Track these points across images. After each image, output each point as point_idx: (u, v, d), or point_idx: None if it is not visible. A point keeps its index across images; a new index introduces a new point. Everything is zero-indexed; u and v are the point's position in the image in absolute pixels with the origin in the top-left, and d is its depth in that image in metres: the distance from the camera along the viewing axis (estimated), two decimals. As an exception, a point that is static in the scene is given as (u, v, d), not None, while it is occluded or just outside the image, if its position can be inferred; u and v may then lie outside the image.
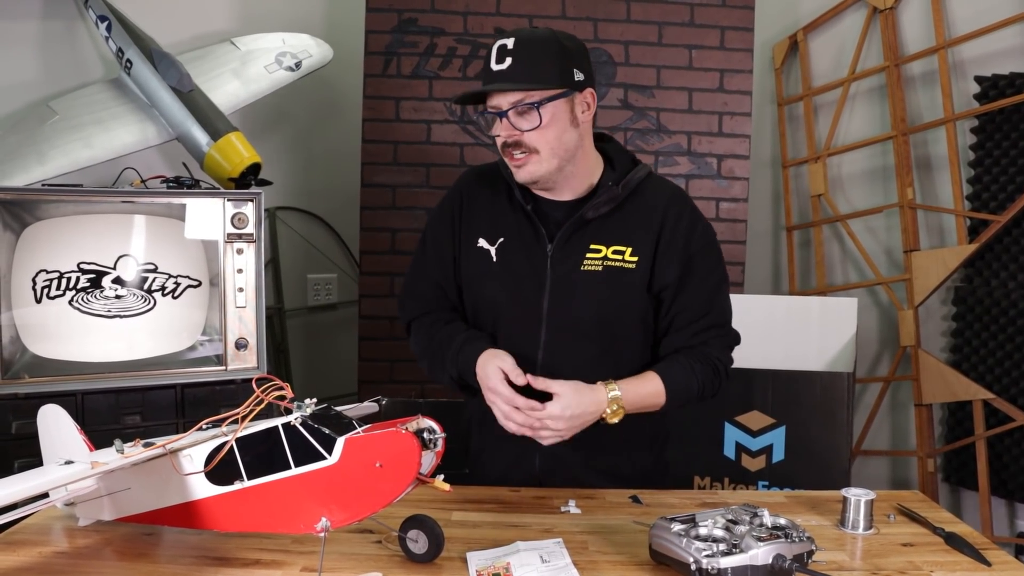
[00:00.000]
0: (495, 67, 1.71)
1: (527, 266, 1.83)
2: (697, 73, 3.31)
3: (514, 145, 1.74)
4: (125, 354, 2.57)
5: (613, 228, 1.82)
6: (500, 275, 1.86)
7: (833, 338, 3.06)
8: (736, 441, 2.84)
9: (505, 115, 1.72)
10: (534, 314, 1.83)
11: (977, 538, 1.59)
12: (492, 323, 1.88)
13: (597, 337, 1.83)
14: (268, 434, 1.37)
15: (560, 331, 1.82)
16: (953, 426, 3.54)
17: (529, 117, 1.72)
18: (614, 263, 1.80)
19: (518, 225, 1.86)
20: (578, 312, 1.81)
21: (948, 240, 3.52)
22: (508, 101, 1.72)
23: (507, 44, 1.71)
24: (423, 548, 1.42)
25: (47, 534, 1.54)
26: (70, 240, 2.50)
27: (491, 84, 1.72)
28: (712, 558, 1.29)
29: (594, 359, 1.82)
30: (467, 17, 3.24)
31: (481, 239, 1.88)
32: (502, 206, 1.89)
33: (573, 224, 1.81)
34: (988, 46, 3.37)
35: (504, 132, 1.74)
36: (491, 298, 1.88)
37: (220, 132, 2.82)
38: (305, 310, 3.73)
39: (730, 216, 3.35)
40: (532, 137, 1.73)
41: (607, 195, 1.81)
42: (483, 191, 1.92)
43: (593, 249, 1.81)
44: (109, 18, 3.04)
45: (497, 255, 1.86)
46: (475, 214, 1.91)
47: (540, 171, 1.76)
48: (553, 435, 1.68)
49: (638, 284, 1.81)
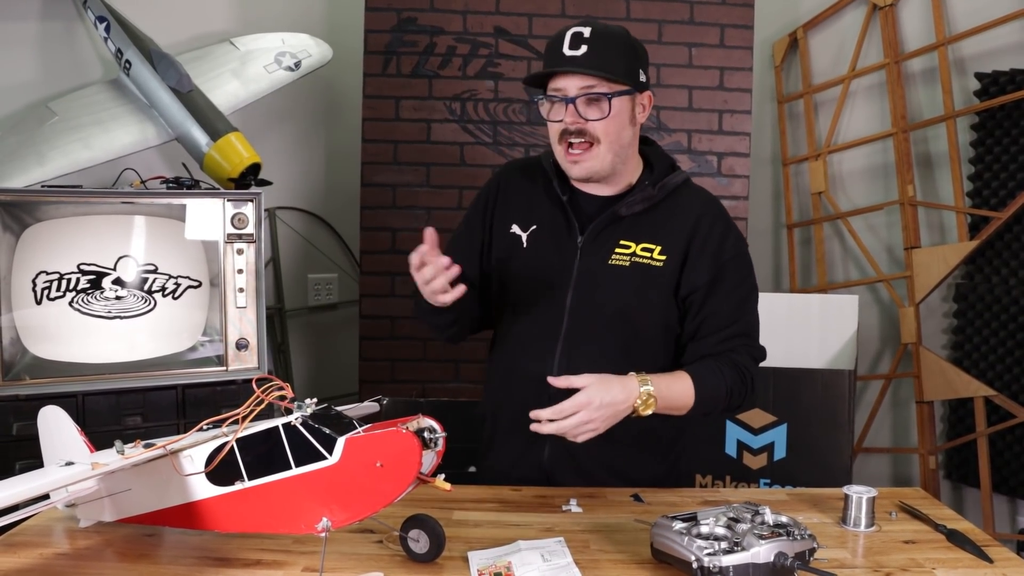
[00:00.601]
0: (568, 52, 1.72)
1: (555, 255, 1.85)
2: (697, 71, 3.31)
3: (576, 133, 1.76)
4: (126, 355, 2.57)
5: (645, 227, 1.83)
6: (528, 261, 1.88)
7: (834, 336, 3.06)
8: (737, 439, 2.84)
9: (573, 102, 1.73)
10: (558, 304, 1.84)
11: (979, 535, 1.59)
12: (515, 310, 1.89)
13: (619, 332, 1.83)
14: (269, 434, 1.37)
15: (582, 322, 1.83)
16: (954, 423, 3.54)
17: (598, 107, 1.74)
18: (642, 260, 1.82)
19: (552, 215, 1.88)
20: (602, 304, 1.82)
21: (949, 237, 3.52)
22: (577, 87, 1.73)
23: (583, 32, 1.73)
24: (424, 548, 1.42)
25: (48, 535, 1.54)
26: (70, 241, 2.50)
27: (566, 67, 1.73)
28: (714, 556, 1.29)
29: (614, 354, 1.81)
30: (466, 16, 3.23)
31: (515, 225, 1.91)
32: (539, 196, 1.91)
33: (606, 219, 1.83)
34: (988, 42, 3.37)
35: (570, 118, 1.75)
36: (516, 283, 1.89)
37: (220, 132, 2.82)
38: (306, 310, 3.73)
39: (730, 214, 3.31)
40: (596, 127, 1.75)
41: (643, 194, 1.82)
42: (522, 180, 1.95)
43: (623, 245, 1.83)
44: (108, 19, 3.04)
45: (528, 241, 1.88)
46: (511, 201, 1.93)
47: (596, 166, 1.79)
48: (586, 429, 1.62)
49: (664, 284, 1.82)
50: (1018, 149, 3.29)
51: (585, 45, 1.71)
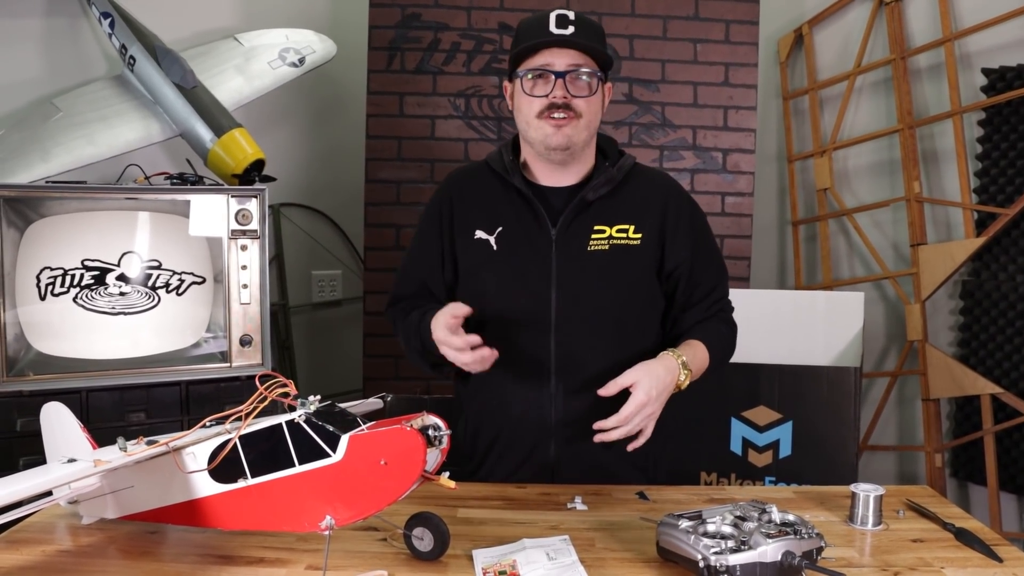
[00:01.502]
0: (556, 30, 1.76)
1: (530, 252, 1.85)
2: (702, 67, 3.30)
3: (562, 107, 1.79)
4: (129, 351, 2.56)
5: (615, 209, 1.87)
6: (502, 263, 1.87)
7: (840, 333, 3.05)
8: (743, 436, 2.83)
9: (563, 76, 1.77)
10: (543, 299, 1.84)
11: (988, 534, 1.58)
12: (498, 316, 1.86)
13: (608, 317, 1.85)
14: (272, 432, 1.36)
15: (571, 314, 1.83)
16: (961, 421, 3.52)
17: (584, 84, 1.79)
18: (619, 241, 1.85)
19: (517, 213, 1.88)
20: (588, 292, 1.83)
21: (955, 234, 3.50)
22: (566, 63, 1.78)
23: (568, 15, 1.78)
24: (429, 546, 1.41)
25: (51, 532, 1.53)
26: (74, 237, 2.49)
27: (558, 42, 1.77)
28: (721, 555, 1.28)
29: (607, 341, 1.84)
30: (471, 12, 3.22)
31: (479, 231, 1.90)
32: (497, 196, 1.91)
33: (576, 207, 1.85)
34: (995, 38, 3.35)
35: (559, 91, 1.78)
36: (494, 288, 1.87)
37: (224, 128, 2.81)
38: (310, 306, 3.72)
39: (736, 211, 3.34)
40: (580, 103, 1.79)
41: (605, 176, 1.87)
42: (472, 186, 1.95)
43: (598, 230, 1.86)
44: (112, 15, 3.04)
45: (497, 243, 1.88)
46: (468, 209, 1.93)
47: (576, 137, 1.82)
48: (650, 421, 1.70)
49: (645, 262, 1.87)
50: (1025, 145, 3.28)
51: (572, 26, 1.77)
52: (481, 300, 1.87)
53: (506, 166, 1.90)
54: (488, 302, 1.87)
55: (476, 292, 1.89)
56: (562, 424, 1.84)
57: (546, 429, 1.85)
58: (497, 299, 1.87)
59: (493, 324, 1.86)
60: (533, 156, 1.90)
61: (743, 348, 2.01)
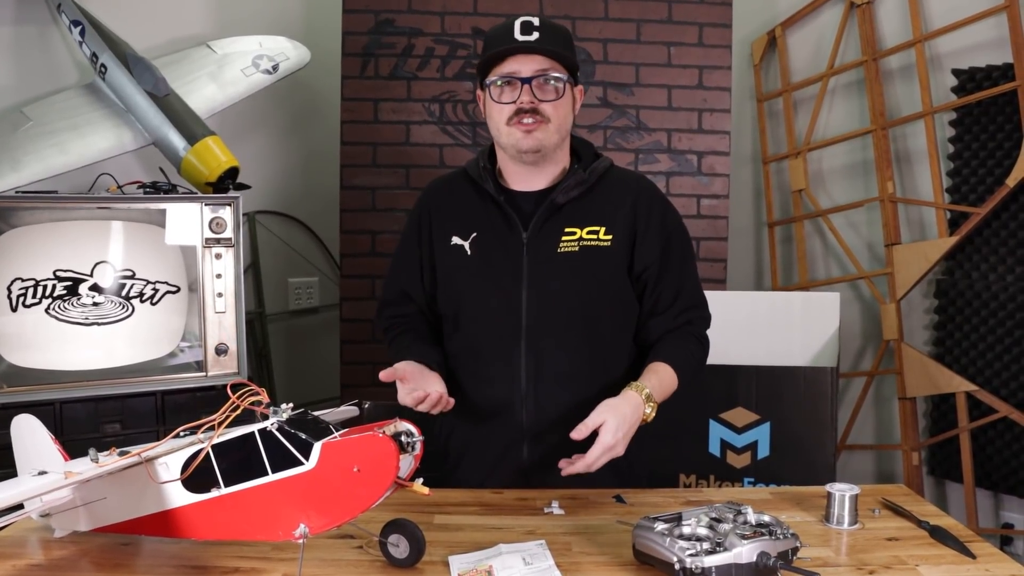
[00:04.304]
0: (521, 37, 1.79)
1: (503, 255, 1.87)
2: (676, 70, 3.31)
3: (530, 112, 1.80)
4: (104, 362, 2.55)
5: (585, 211, 1.88)
6: (476, 267, 1.89)
7: (816, 333, 3.06)
8: (721, 438, 2.83)
9: (529, 82, 1.79)
10: (514, 302, 1.85)
11: (962, 531, 1.59)
12: (472, 318, 1.91)
13: (579, 318, 1.86)
14: (244, 440, 1.35)
15: (541, 316, 1.85)
16: (937, 419, 3.55)
17: (551, 88, 1.81)
18: (589, 242, 1.86)
19: (490, 218, 1.90)
20: (558, 293, 1.85)
21: (929, 233, 3.53)
22: (532, 69, 1.79)
23: (532, 21, 1.80)
24: (404, 553, 1.41)
25: (22, 546, 1.51)
26: (46, 247, 2.48)
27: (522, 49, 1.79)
28: (696, 557, 1.28)
29: (577, 342, 1.86)
30: (444, 17, 3.22)
31: (455, 237, 1.92)
32: (472, 203, 1.93)
33: (546, 210, 1.87)
34: (965, 39, 3.38)
35: (526, 96, 1.80)
36: (469, 291, 1.91)
37: (197, 136, 2.79)
38: (286, 314, 3.71)
39: (711, 213, 3.35)
40: (547, 108, 1.81)
41: (575, 179, 1.88)
42: (451, 194, 1.98)
43: (568, 232, 1.87)
44: (83, 23, 3.01)
45: (472, 248, 1.90)
46: (445, 217, 1.95)
47: (546, 139, 1.83)
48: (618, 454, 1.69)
49: (616, 263, 1.87)
50: (996, 145, 3.31)
51: (537, 32, 1.79)
52: (456, 303, 1.94)
53: (480, 173, 1.92)
54: (463, 305, 1.92)
55: (452, 296, 1.94)
56: (534, 424, 1.86)
57: (518, 430, 1.86)
58: (471, 302, 1.91)
59: (467, 327, 1.92)
60: (507, 161, 1.91)
61: (720, 350, 2.01)
